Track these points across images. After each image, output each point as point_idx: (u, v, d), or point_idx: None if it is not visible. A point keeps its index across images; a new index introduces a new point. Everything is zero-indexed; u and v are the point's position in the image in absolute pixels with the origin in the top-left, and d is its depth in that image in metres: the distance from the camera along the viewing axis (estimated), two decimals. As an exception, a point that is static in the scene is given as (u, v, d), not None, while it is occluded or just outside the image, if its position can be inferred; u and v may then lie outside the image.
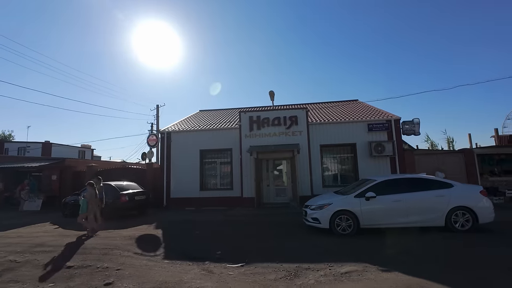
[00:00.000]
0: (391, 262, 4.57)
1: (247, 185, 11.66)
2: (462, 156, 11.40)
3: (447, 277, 3.84)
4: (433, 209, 6.44)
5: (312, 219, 7.06)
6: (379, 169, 11.50)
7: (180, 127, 13.68)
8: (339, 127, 12.12)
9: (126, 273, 4.47)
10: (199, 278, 4.19)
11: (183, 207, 12.30)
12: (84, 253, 5.59)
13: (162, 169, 12.91)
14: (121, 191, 10.38)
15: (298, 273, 4.35)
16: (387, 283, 3.71)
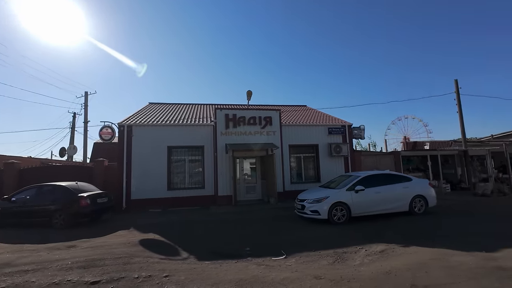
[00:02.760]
0: (398, 239, 5.70)
1: (222, 183, 11.51)
2: (392, 157, 14.44)
3: (445, 244, 5.15)
4: (402, 198, 8.18)
5: (311, 212, 7.80)
6: (336, 167, 13.32)
7: (142, 120, 12.24)
8: (305, 129, 13.40)
9: (182, 278, 4.07)
10: (268, 271, 4.24)
11: (147, 209, 11.10)
12: (94, 265, 4.65)
13: (121, 167, 11.28)
14: (77, 193, 8.66)
15: (342, 256, 4.95)
16: (422, 254, 4.72)
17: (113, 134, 11.80)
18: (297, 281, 3.76)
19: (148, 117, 13.05)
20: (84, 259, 4.92)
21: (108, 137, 11.71)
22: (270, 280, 3.87)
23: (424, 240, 5.63)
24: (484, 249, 4.79)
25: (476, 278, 3.64)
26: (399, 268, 4.06)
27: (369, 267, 4.28)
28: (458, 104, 15.51)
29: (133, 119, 12.33)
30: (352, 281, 3.69)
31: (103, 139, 11.70)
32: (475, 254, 4.56)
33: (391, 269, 4.06)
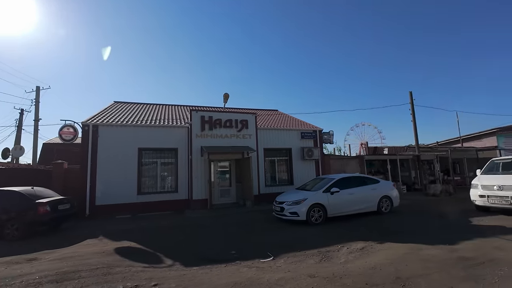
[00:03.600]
0: (373, 237, 6.15)
1: (197, 187, 11.20)
2: (357, 161, 15.51)
3: (413, 239, 5.71)
4: (371, 199, 8.83)
5: (290, 213, 8.02)
6: (308, 170, 13.86)
7: (109, 120, 11.39)
8: (279, 133, 13.73)
9: (173, 285, 3.89)
10: (261, 273, 4.26)
11: (114, 215, 10.31)
12: (69, 278, 4.20)
13: (85, 170, 10.33)
14: (34, 199, 7.74)
15: (326, 254, 5.19)
16: (397, 249, 5.16)
17: (76, 134, 10.77)
18: (292, 281, 3.85)
19: (115, 116, 12.20)
20: (55, 272, 4.41)
21: (70, 137, 10.65)
22: (266, 281, 3.91)
23: (395, 236, 6.16)
24: (447, 242, 5.42)
25: (446, 269, 4.11)
26: (382, 263, 4.40)
27: (354, 263, 4.56)
28: (412, 114, 17.31)
29: (98, 118, 11.41)
30: (344, 277, 3.91)
31: (64, 140, 10.59)
32: (440, 247, 5.14)
33: (375, 264, 4.38)
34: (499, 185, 8.12)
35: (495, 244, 5.28)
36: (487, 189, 8.46)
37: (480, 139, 23.91)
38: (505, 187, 8.00)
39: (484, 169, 9.64)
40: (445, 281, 3.65)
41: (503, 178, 8.35)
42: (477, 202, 8.76)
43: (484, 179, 8.88)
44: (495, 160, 9.83)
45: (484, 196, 8.44)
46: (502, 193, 7.98)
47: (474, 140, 24.31)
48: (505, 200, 7.86)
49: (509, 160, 9.37)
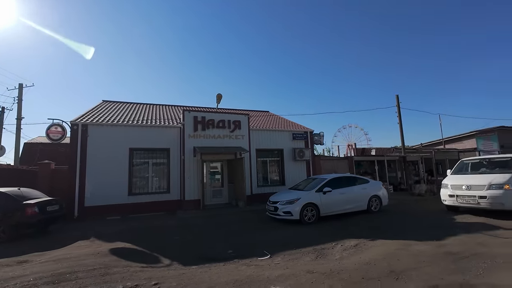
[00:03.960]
0: (364, 235, 6.37)
1: (190, 187, 11.15)
2: (347, 161, 15.89)
3: (402, 236, 5.97)
4: (362, 198, 9.10)
5: (284, 213, 8.16)
6: (299, 171, 14.07)
7: (99, 119, 11.15)
8: (271, 134, 13.87)
9: (174, 284, 3.91)
10: (260, 270, 4.35)
11: (104, 217, 10.11)
12: (66, 279, 4.13)
13: (74, 170, 10.06)
14: (21, 200, 7.50)
15: (321, 252, 5.34)
16: (388, 245, 5.38)
17: (64, 134, 10.47)
18: (292, 277, 3.97)
19: (105, 116, 11.96)
20: (50, 274, 4.33)
21: (58, 137, 10.34)
22: (266, 278, 4.00)
23: (386, 233, 6.41)
24: (434, 238, 5.71)
25: (436, 262, 4.35)
26: (376, 259, 4.59)
27: (349, 260, 4.73)
28: (399, 117, 17.93)
29: (87, 117, 11.15)
30: (341, 272, 4.06)
31: (52, 139, 10.27)
32: (429, 243, 5.40)
33: (370, 260, 4.57)
34: (467, 185, 8.20)
35: (478, 239, 5.60)
36: (456, 189, 8.52)
37: (461, 141, 25.04)
38: (473, 187, 8.08)
39: (454, 169, 9.71)
40: (436, 274, 3.87)
41: (471, 178, 8.45)
42: (446, 202, 8.86)
43: (453, 179, 8.95)
44: (464, 160, 9.88)
45: (453, 196, 8.52)
46: (470, 193, 8.07)
47: (456, 142, 25.43)
48: (473, 199, 7.96)
49: (477, 160, 9.51)
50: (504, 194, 7.40)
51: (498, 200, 7.44)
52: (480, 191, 7.82)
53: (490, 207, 7.61)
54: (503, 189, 7.46)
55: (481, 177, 8.25)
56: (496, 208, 7.57)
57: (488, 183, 7.76)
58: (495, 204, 7.51)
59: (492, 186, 7.66)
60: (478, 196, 7.79)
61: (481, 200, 7.72)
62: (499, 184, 7.58)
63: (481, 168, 8.98)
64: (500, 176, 7.84)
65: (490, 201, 7.55)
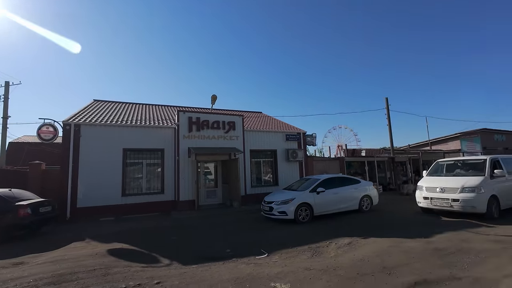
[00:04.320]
0: (357, 233, 6.62)
1: (184, 188, 11.17)
2: (338, 162, 16.25)
3: (393, 234, 6.26)
4: (354, 198, 9.40)
5: (279, 212, 8.34)
6: (292, 171, 14.30)
7: (91, 119, 11.02)
8: (265, 135, 14.04)
9: (176, 283, 4.01)
10: (259, 268, 4.50)
11: (97, 218, 10.00)
12: (67, 280, 4.15)
13: (66, 171, 9.92)
14: (13, 201, 7.38)
15: (317, 250, 5.55)
16: (380, 243, 5.63)
17: (56, 134, 10.30)
18: (291, 274, 4.14)
19: (98, 116, 11.82)
20: (50, 275, 4.33)
21: (49, 137, 10.16)
22: (266, 275, 4.15)
23: (377, 232, 6.68)
24: (423, 235, 6.02)
25: (425, 258, 4.62)
26: (369, 256, 4.83)
27: (344, 257, 4.95)
28: (388, 119, 18.47)
29: (80, 117, 11.00)
30: (337, 269, 4.26)
31: (43, 139, 10.08)
32: (418, 240, 5.70)
33: (363, 257, 4.80)
34: (441, 187, 8.11)
35: (463, 237, 5.94)
36: (430, 191, 8.42)
37: (446, 142, 25.99)
38: (447, 189, 7.99)
39: (430, 170, 9.59)
40: (425, 269, 4.13)
41: (446, 180, 8.37)
42: (421, 204, 8.77)
43: (428, 181, 8.87)
44: (439, 161, 9.75)
45: (427, 198, 8.42)
46: (443, 196, 7.99)
47: (441, 144, 26.36)
48: (446, 202, 7.88)
49: (452, 162, 9.37)
50: (476, 197, 7.44)
51: (470, 203, 7.48)
52: (453, 194, 7.80)
53: (462, 210, 7.63)
54: (475, 192, 7.48)
55: (455, 180, 8.22)
56: (468, 211, 7.61)
57: (461, 186, 7.75)
58: (467, 208, 7.55)
59: (465, 189, 7.65)
60: (451, 199, 7.77)
61: (454, 203, 7.72)
62: (471, 187, 7.59)
63: (456, 170, 8.95)
64: (473, 179, 7.86)
65: (463, 204, 7.56)
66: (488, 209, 7.44)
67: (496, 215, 7.60)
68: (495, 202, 7.69)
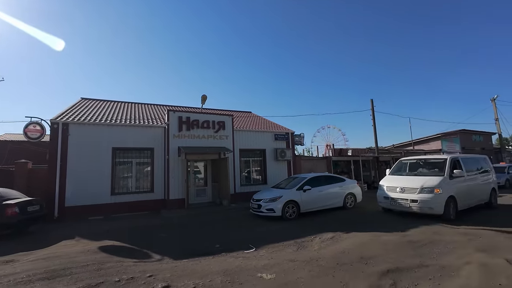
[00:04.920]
0: (340, 228, 7.00)
1: (174, 186, 11.30)
2: (325, 161, 16.75)
3: (373, 229, 6.68)
4: (338, 196, 9.83)
5: (267, 210, 8.65)
6: (281, 170, 14.66)
7: (80, 117, 10.96)
8: (254, 135, 14.33)
9: (168, 275, 4.23)
10: (247, 261, 4.77)
11: (85, 217, 10.00)
12: (60, 275, 4.29)
13: (54, 170, 9.85)
14: (1, 200, 7.34)
15: (302, 244, 5.88)
16: (361, 237, 6.02)
17: (43, 133, 10.19)
18: (277, 265, 4.44)
19: (86, 114, 11.75)
20: (43, 271, 4.45)
21: (36, 136, 10.05)
22: (253, 267, 4.44)
23: (359, 227, 7.09)
24: (400, 230, 6.46)
25: (400, 249, 5.03)
26: (349, 248, 5.20)
27: (326, 250, 5.30)
28: (373, 119, 19.15)
29: (68, 115, 10.92)
30: (319, 260, 4.60)
31: (30, 138, 9.96)
32: (395, 234, 6.13)
33: (344, 249, 5.16)
34: (401, 187, 7.87)
35: (435, 230, 6.43)
36: (391, 191, 8.18)
37: (428, 142, 27.11)
38: (406, 190, 7.74)
39: (392, 169, 9.32)
40: (399, 258, 4.52)
41: (406, 180, 8.11)
42: (382, 204, 8.58)
43: (390, 180, 8.62)
44: (403, 160, 9.46)
45: (387, 198, 8.20)
46: (403, 196, 7.77)
47: (424, 144, 27.47)
48: (405, 203, 7.67)
49: (414, 161, 9.09)
50: (434, 198, 7.26)
51: (428, 204, 7.30)
52: (412, 195, 7.60)
53: (420, 211, 7.46)
54: (433, 193, 7.29)
55: (415, 179, 7.99)
56: (425, 212, 7.43)
57: (420, 186, 7.54)
58: (424, 208, 7.37)
59: (423, 190, 7.44)
60: (410, 200, 7.57)
61: (412, 204, 7.53)
62: (430, 188, 7.39)
63: (418, 169, 8.69)
64: (432, 179, 7.63)
65: (420, 205, 7.39)
66: (445, 210, 7.27)
67: (453, 216, 7.43)
68: (453, 203, 7.51)
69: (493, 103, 25.31)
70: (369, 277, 3.82)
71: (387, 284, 3.59)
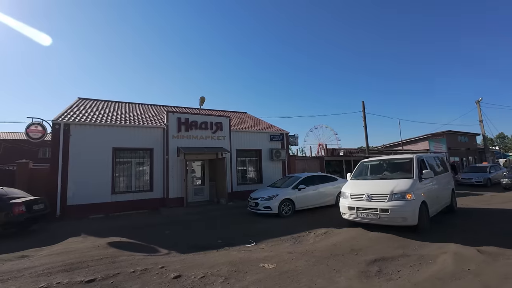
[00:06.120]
0: (333, 224, 7.54)
1: (173, 185, 11.66)
2: (318, 161, 17.36)
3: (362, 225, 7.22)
4: (331, 194, 10.40)
5: (264, 208, 9.15)
6: (276, 170, 15.17)
7: (80, 118, 11.18)
8: (251, 135, 14.79)
9: (178, 267, 4.65)
10: (249, 254, 5.25)
11: (86, 215, 10.28)
12: (78, 267, 4.66)
13: (56, 170, 10.07)
14: (7, 199, 7.60)
15: (298, 239, 6.40)
16: (351, 232, 6.55)
17: (44, 133, 10.39)
18: (276, 257, 4.93)
19: (85, 115, 11.97)
20: (61, 264, 4.82)
21: (38, 136, 10.24)
22: (255, 258, 4.91)
23: (349, 224, 7.64)
24: (387, 225, 7.04)
25: (386, 243, 5.58)
26: (341, 241, 5.74)
27: (320, 243, 5.82)
28: (364, 121, 19.89)
29: (69, 116, 11.14)
30: (314, 252, 5.11)
31: (31, 138, 10.14)
32: (383, 229, 6.70)
33: (336, 242, 5.70)
34: (368, 194, 6.42)
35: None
36: (356, 199, 6.66)
37: (416, 143, 28.13)
38: (374, 197, 6.30)
39: (354, 172, 7.93)
40: (384, 249, 5.08)
41: (373, 185, 6.77)
42: (346, 215, 6.89)
43: (353, 186, 7.14)
44: (364, 162, 8.21)
45: (353, 208, 6.60)
46: (371, 205, 6.29)
47: (412, 144, 28.49)
48: (374, 214, 6.18)
49: (377, 162, 7.88)
50: (406, 206, 5.89)
51: (400, 213, 5.91)
52: (381, 203, 6.16)
53: (391, 222, 6.07)
54: (405, 200, 5.97)
55: (383, 184, 6.65)
56: (398, 224, 6.05)
57: (390, 191, 6.17)
58: (396, 219, 5.97)
59: (394, 196, 6.09)
60: (380, 209, 6.09)
61: (383, 214, 6.06)
62: (401, 193, 6.07)
63: (384, 172, 7.47)
64: (402, 182, 6.39)
65: (392, 215, 5.95)
66: (419, 220, 5.94)
67: (427, 226, 6.20)
68: (425, 210, 6.21)
69: (477, 105, 26.47)
70: (358, 265, 4.35)
71: (374, 271, 4.12)
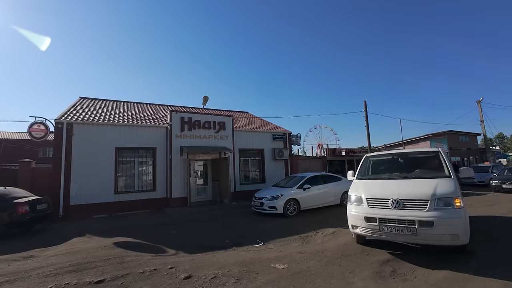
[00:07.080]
0: (339, 224, 7.48)
1: (176, 185, 11.58)
2: (321, 161, 17.32)
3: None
4: (335, 194, 10.34)
5: (269, 207, 9.09)
6: (278, 169, 15.12)
7: (83, 117, 11.09)
8: (253, 135, 14.73)
9: (187, 267, 4.58)
10: (258, 254, 5.18)
11: (89, 215, 10.21)
12: (86, 268, 4.59)
13: (58, 169, 9.99)
14: (11, 199, 7.51)
15: (306, 239, 6.33)
16: (359, 231, 6.51)
17: (47, 132, 10.29)
18: (287, 257, 4.86)
19: (88, 114, 11.89)
20: (68, 264, 4.74)
21: (41, 135, 10.14)
22: (266, 258, 4.85)
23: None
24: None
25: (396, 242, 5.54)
26: (350, 242, 5.68)
27: (329, 243, 5.77)
28: (366, 120, 19.83)
29: (71, 115, 11.05)
30: (325, 252, 5.05)
31: (34, 137, 10.04)
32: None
33: (346, 242, 5.64)
34: (395, 199, 4.48)
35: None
36: (377, 206, 4.69)
37: (418, 143, 28.14)
38: (407, 203, 4.39)
39: (359, 170, 6.16)
40: (396, 248, 5.02)
41: (396, 186, 4.83)
42: (360, 230, 4.84)
43: (366, 187, 5.21)
44: (370, 156, 6.48)
45: (373, 219, 4.57)
46: (402, 214, 4.33)
47: (414, 144, 28.50)
48: (409, 228, 4.22)
49: (389, 156, 6.16)
50: (456, 216, 4.08)
51: (449, 228, 4.05)
52: (419, 212, 4.25)
53: (435, 241, 4.20)
54: (453, 207, 4.15)
55: (415, 185, 4.73)
56: (445, 244, 4.25)
57: (430, 195, 4.30)
58: (443, 237, 4.09)
59: (438, 202, 4.23)
60: (418, 222, 4.16)
61: (423, 229, 4.14)
62: (445, 197, 4.25)
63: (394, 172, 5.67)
64: (443, 182, 4.56)
65: (438, 231, 4.06)
66: None
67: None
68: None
69: (478, 105, 26.50)
70: (371, 265, 4.29)
71: (388, 271, 4.06)
